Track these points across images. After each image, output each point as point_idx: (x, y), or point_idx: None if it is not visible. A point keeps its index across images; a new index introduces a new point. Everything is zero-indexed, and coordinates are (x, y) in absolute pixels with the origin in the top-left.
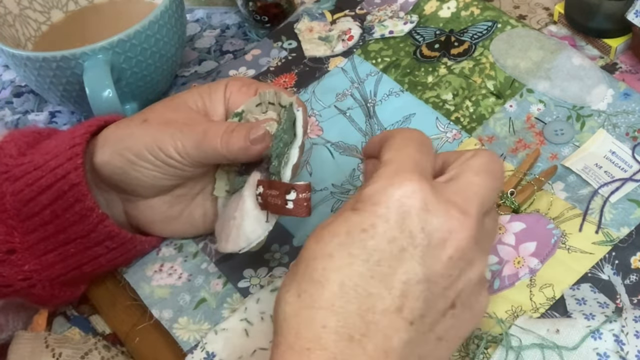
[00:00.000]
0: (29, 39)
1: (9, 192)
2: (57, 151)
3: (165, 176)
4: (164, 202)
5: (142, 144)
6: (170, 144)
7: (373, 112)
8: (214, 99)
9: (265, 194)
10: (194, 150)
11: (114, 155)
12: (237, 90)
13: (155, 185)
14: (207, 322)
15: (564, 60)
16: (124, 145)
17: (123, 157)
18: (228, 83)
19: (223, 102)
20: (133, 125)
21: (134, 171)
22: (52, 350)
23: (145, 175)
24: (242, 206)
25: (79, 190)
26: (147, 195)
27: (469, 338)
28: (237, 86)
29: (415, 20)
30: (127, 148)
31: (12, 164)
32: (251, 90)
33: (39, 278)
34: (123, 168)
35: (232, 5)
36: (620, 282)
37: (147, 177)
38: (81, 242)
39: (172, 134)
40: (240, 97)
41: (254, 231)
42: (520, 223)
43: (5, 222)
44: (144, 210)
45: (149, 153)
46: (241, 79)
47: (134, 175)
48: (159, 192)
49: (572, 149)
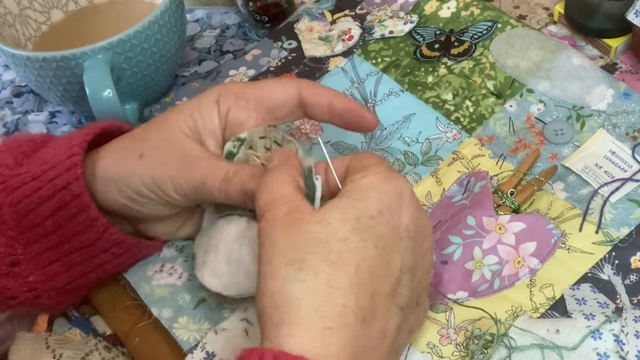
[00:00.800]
0: (29, 39)
1: (6, 203)
2: (54, 161)
3: (168, 208)
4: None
5: (141, 183)
6: (170, 185)
7: (373, 112)
8: (205, 116)
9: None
10: (193, 193)
11: (115, 192)
12: (235, 105)
13: (160, 215)
14: (207, 322)
15: (564, 60)
16: (124, 183)
17: (124, 193)
18: (219, 98)
19: (218, 119)
20: (130, 161)
21: (137, 205)
22: (52, 352)
23: (149, 209)
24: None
25: (81, 201)
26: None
27: (469, 338)
28: (232, 100)
29: (415, 20)
30: (127, 186)
31: (9, 174)
32: (250, 103)
33: (44, 288)
34: (126, 204)
35: (232, 5)
36: (620, 282)
37: (150, 210)
38: (87, 250)
39: (171, 177)
40: (241, 112)
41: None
42: (520, 223)
43: (5, 234)
44: (151, 227)
45: (150, 192)
46: (234, 90)
47: (137, 208)
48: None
49: (572, 149)
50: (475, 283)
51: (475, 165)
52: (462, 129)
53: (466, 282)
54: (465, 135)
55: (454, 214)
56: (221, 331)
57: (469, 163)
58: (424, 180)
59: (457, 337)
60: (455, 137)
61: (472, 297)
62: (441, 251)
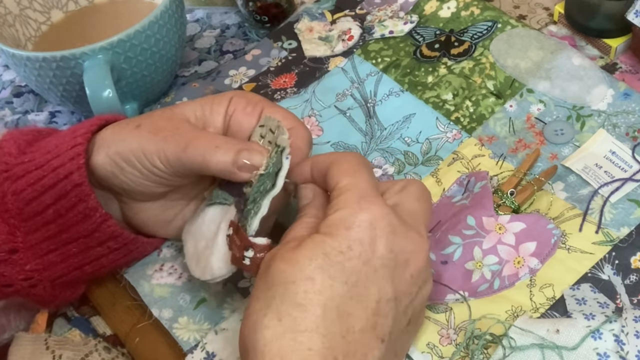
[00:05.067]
0: (29, 39)
1: (10, 191)
2: (58, 150)
3: (152, 184)
4: (158, 206)
5: (129, 150)
6: (154, 152)
7: (373, 112)
8: (214, 110)
9: (232, 239)
10: (176, 161)
11: (105, 159)
12: (241, 110)
13: (144, 192)
14: (207, 322)
15: (564, 60)
16: (115, 150)
17: (113, 161)
18: (233, 98)
19: (224, 116)
20: (126, 130)
21: (122, 176)
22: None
23: (133, 182)
24: (215, 239)
25: (81, 191)
26: (139, 199)
27: (469, 338)
28: (242, 104)
29: (415, 20)
30: (117, 153)
31: (13, 163)
32: (256, 111)
33: (40, 278)
34: (113, 172)
35: (232, 5)
36: (620, 282)
37: (134, 183)
38: (83, 241)
39: (156, 142)
40: (244, 117)
41: (220, 268)
42: (520, 223)
43: (7, 222)
44: (138, 212)
45: (136, 160)
46: (247, 96)
47: (122, 179)
48: (151, 197)
49: (572, 149)
50: (475, 283)
51: (475, 165)
52: (462, 129)
53: (466, 282)
54: (465, 135)
55: (454, 214)
56: (221, 331)
57: (469, 163)
58: (424, 181)
59: (457, 337)
60: (455, 137)
61: (472, 297)
62: (441, 251)
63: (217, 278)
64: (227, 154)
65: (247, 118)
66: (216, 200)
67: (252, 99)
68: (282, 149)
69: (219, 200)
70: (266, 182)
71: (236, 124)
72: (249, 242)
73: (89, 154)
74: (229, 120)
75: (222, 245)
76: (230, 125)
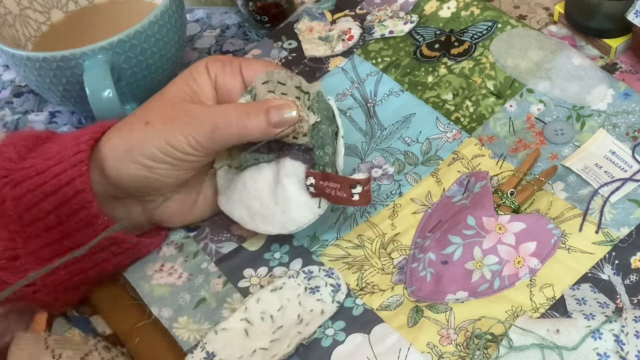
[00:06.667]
0: (29, 39)
1: (9, 197)
2: (60, 157)
3: (183, 172)
4: (179, 196)
5: (153, 146)
6: (183, 141)
7: (373, 112)
8: (200, 83)
9: (321, 186)
10: (208, 142)
11: (129, 165)
12: (221, 72)
13: (175, 183)
14: (207, 321)
15: (564, 60)
16: (138, 153)
17: (139, 164)
18: (208, 63)
19: (211, 84)
20: (137, 130)
21: (153, 174)
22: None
23: (165, 176)
24: (282, 193)
25: (83, 197)
26: (165, 192)
27: (469, 338)
28: (219, 67)
29: (415, 20)
30: (140, 154)
31: (13, 169)
32: (235, 69)
33: (43, 284)
34: (143, 175)
35: (232, 5)
36: (620, 282)
37: (167, 176)
38: None
39: (181, 130)
40: (228, 78)
41: (306, 216)
42: (520, 223)
43: (7, 228)
44: (163, 208)
45: (163, 154)
46: (220, 58)
47: (154, 178)
48: (178, 187)
49: (572, 149)
50: (475, 283)
51: (475, 165)
52: (462, 129)
53: (466, 282)
54: (465, 135)
55: (454, 214)
56: (221, 331)
57: (469, 163)
58: (424, 180)
59: (457, 337)
60: (455, 137)
61: (472, 297)
62: (441, 251)
63: (303, 225)
64: (258, 117)
65: (230, 78)
66: (249, 163)
67: (226, 59)
68: (316, 92)
69: (251, 162)
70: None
71: (223, 87)
72: (353, 180)
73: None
74: (215, 85)
75: (297, 195)
76: (218, 90)
